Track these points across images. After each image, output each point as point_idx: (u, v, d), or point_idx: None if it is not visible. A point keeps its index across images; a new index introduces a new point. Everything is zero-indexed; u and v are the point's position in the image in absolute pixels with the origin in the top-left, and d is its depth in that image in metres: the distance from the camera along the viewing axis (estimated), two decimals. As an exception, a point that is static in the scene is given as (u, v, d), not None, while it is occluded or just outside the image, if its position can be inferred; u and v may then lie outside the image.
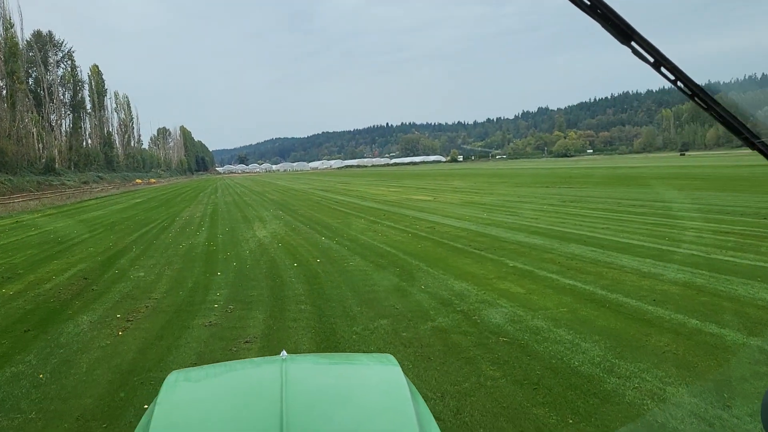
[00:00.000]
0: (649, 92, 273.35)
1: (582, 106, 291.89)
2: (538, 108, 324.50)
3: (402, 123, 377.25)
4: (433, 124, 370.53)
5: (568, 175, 52.12)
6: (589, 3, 0.99)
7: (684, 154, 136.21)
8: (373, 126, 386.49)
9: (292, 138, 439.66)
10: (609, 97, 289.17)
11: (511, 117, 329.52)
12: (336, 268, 10.43)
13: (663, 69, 1.04)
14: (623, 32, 1.00)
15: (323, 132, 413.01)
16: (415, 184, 47.52)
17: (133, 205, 35.14)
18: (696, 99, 1.07)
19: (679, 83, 1.07)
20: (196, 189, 62.61)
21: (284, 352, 2.09)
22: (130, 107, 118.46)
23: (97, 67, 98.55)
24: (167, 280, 10.07)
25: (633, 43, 1.01)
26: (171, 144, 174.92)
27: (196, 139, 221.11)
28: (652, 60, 1.03)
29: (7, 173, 58.95)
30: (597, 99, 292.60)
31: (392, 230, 15.92)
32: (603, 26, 1.01)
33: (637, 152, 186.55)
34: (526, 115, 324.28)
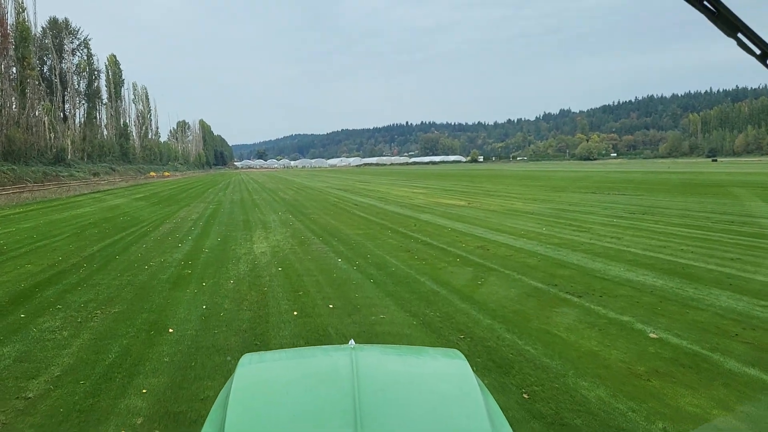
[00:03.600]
0: (674, 96, 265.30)
1: (605, 109, 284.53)
2: (560, 110, 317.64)
3: (422, 122, 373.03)
4: (453, 123, 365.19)
5: (605, 179, 47.55)
6: None
7: (716, 160, 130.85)
8: (393, 124, 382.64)
9: (312, 135, 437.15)
10: (633, 100, 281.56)
11: (532, 118, 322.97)
12: (360, 327, 6.46)
13: None
14: (730, 24, 0.97)
15: (342, 129, 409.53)
16: (440, 185, 43.40)
17: (128, 202, 31.61)
18: None
19: None
20: (208, 184, 59.34)
21: (352, 341, 2.06)
22: (148, 99, 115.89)
23: (114, 56, 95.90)
24: (83, 343, 6.16)
25: (739, 35, 0.98)
26: (190, 137, 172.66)
27: (215, 134, 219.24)
28: (758, 52, 1.01)
29: (14, 163, 56.17)
30: (621, 102, 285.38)
31: (431, 251, 11.91)
32: (709, 18, 0.98)
33: (663, 157, 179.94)
34: (547, 116, 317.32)
